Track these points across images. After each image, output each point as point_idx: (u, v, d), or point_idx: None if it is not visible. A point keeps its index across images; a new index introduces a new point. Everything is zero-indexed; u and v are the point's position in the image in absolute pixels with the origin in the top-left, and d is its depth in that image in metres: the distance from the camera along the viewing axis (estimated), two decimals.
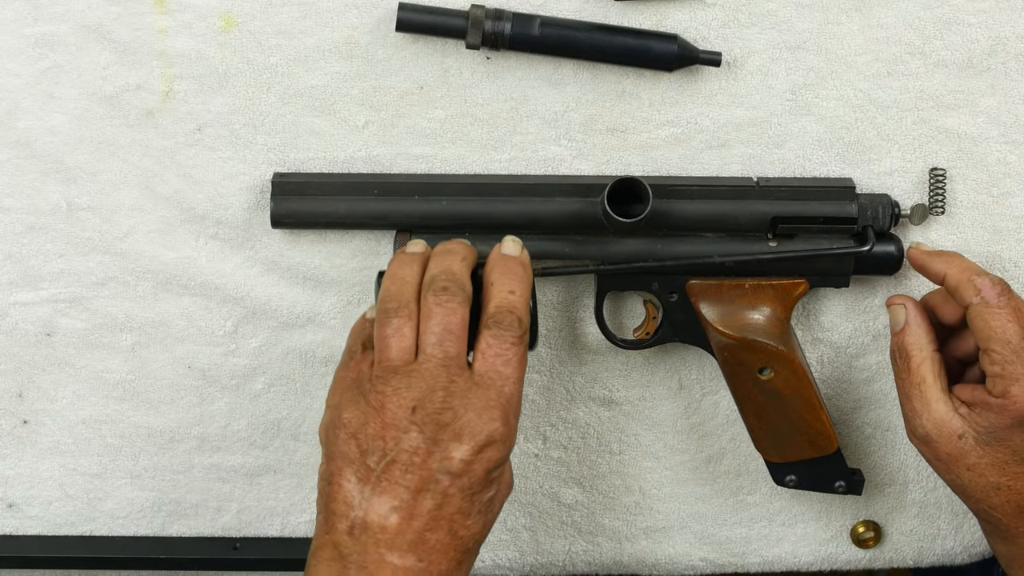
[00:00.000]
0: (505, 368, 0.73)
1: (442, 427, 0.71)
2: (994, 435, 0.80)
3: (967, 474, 0.82)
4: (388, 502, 0.71)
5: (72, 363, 0.90)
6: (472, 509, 0.72)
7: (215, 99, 0.85)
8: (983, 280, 0.80)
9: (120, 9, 0.83)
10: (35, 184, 0.86)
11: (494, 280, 0.77)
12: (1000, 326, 0.79)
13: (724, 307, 0.86)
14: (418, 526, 0.71)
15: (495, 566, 0.97)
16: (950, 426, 0.81)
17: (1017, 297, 0.80)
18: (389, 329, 0.74)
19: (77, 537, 0.94)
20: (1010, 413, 0.79)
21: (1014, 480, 0.81)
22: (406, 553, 0.71)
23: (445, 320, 0.73)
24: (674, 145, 0.87)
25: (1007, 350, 0.78)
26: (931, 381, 0.82)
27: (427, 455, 0.71)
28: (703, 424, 0.94)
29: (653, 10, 0.84)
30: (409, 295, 0.75)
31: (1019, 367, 0.78)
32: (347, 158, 0.86)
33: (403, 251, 0.79)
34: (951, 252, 0.85)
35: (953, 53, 0.85)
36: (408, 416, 0.71)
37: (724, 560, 0.97)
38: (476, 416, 0.72)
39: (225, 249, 0.88)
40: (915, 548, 0.97)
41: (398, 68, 0.85)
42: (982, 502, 0.82)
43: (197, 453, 0.93)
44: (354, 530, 0.71)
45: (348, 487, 0.72)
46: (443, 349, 0.73)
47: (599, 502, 0.95)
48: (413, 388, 0.72)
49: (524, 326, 0.75)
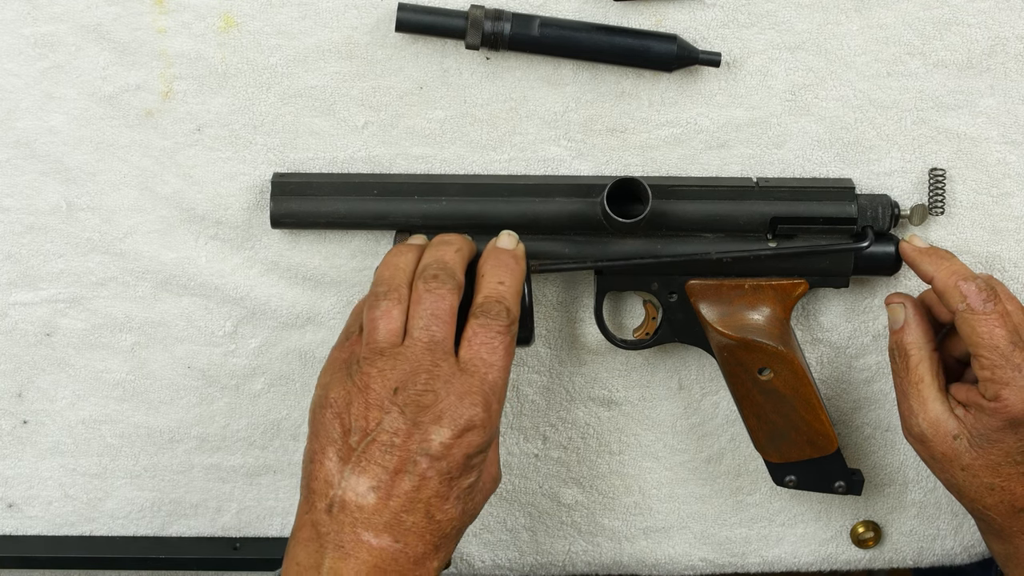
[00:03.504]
0: (490, 356, 0.75)
1: (423, 409, 0.72)
2: (987, 437, 0.80)
3: (961, 474, 0.82)
4: (367, 481, 0.72)
5: (72, 363, 0.90)
6: (450, 494, 0.73)
7: (215, 99, 0.85)
8: (969, 286, 0.80)
9: (119, 9, 0.83)
10: (35, 184, 0.86)
11: (485, 271, 0.78)
12: (988, 332, 0.78)
13: (724, 307, 0.86)
14: (395, 506, 0.72)
15: (495, 566, 0.97)
16: (945, 427, 0.81)
17: (1005, 300, 0.80)
18: (378, 311, 0.75)
19: (77, 537, 0.94)
20: (1002, 416, 0.79)
21: (1008, 481, 0.81)
22: (382, 533, 0.72)
23: (433, 306, 0.75)
24: (674, 145, 0.87)
25: (996, 355, 0.78)
26: (928, 381, 0.83)
27: (407, 436, 0.72)
28: (703, 424, 0.94)
29: (653, 10, 0.84)
30: (400, 280, 0.77)
31: (1008, 371, 0.78)
32: (347, 158, 0.86)
33: (403, 242, 0.81)
34: (941, 252, 0.84)
35: (953, 53, 0.85)
36: (390, 397, 0.73)
37: (724, 560, 0.97)
38: (457, 400, 0.73)
39: (225, 249, 0.88)
40: (915, 548, 0.97)
41: (398, 68, 0.85)
42: (976, 502, 0.83)
43: (197, 453, 0.93)
44: (332, 508, 0.72)
45: (329, 465, 0.73)
46: (429, 333, 0.74)
47: (599, 502, 0.95)
48: (397, 370, 0.73)
49: (512, 316, 0.76)
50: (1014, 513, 0.82)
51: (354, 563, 0.72)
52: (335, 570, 0.72)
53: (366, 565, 0.72)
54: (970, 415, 0.81)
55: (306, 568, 0.73)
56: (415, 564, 0.73)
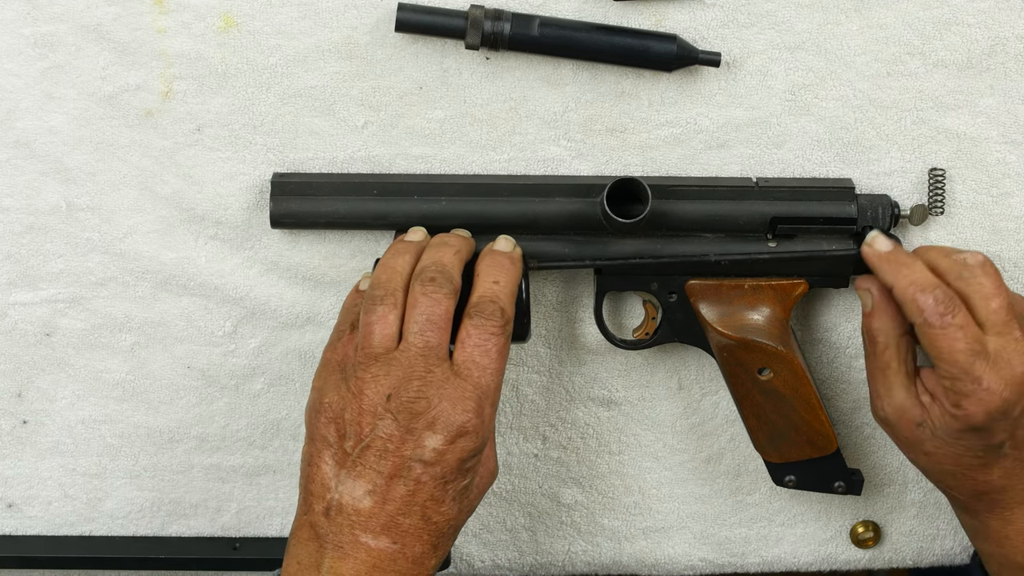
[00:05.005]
0: (483, 358, 0.75)
1: (415, 416, 0.73)
2: (949, 434, 0.81)
3: (924, 459, 0.83)
4: (363, 486, 0.73)
5: (71, 363, 0.90)
6: (445, 496, 0.74)
7: (214, 99, 0.85)
8: (926, 299, 0.78)
9: (119, 9, 0.83)
10: (34, 184, 0.86)
11: (481, 271, 0.79)
12: (946, 346, 0.78)
13: (723, 307, 0.86)
14: (391, 510, 0.73)
15: (495, 566, 0.97)
16: (909, 413, 0.82)
17: (963, 311, 0.78)
18: (374, 316, 0.75)
19: (77, 537, 0.94)
20: (961, 421, 0.79)
21: (969, 470, 0.82)
22: (380, 535, 0.73)
23: (429, 310, 0.75)
24: (673, 145, 0.87)
25: (955, 369, 0.78)
26: (895, 367, 0.83)
27: (401, 443, 0.73)
28: (702, 424, 0.94)
29: (652, 10, 0.84)
30: (397, 284, 0.77)
31: (968, 384, 0.78)
32: (346, 158, 0.86)
33: (401, 239, 0.81)
34: (902, 258, 0.82)
35: (953, 53, 0.85)
36: (383, 403, 0.73)
37: (724, 560, 0.97)
38: (450, 407, 0.73)
39: (224, 249, 0.88)
40: (914, 548, 0.97)
41: (397, 68, 0.85)
42: (940, 483, 0.85)
43: (197, 453, 0.93)
44: (330, 511, 0.73)
45: (326, 469, 0.74)
46: (424, 338, 0.74)
47: (598, 502, 0.95)
48: (391, 376, 0.74)
49: (507, 316, 0.76)
50: (977, 495, 0.83)
51: (353, 563, 0.72)
52: (334, 570, 0.73)
53: (365, 565, 0.72)
54: (936, 406, 0.81)
55: (306, 567, 0.74)
56: (413, 564, 0.73)
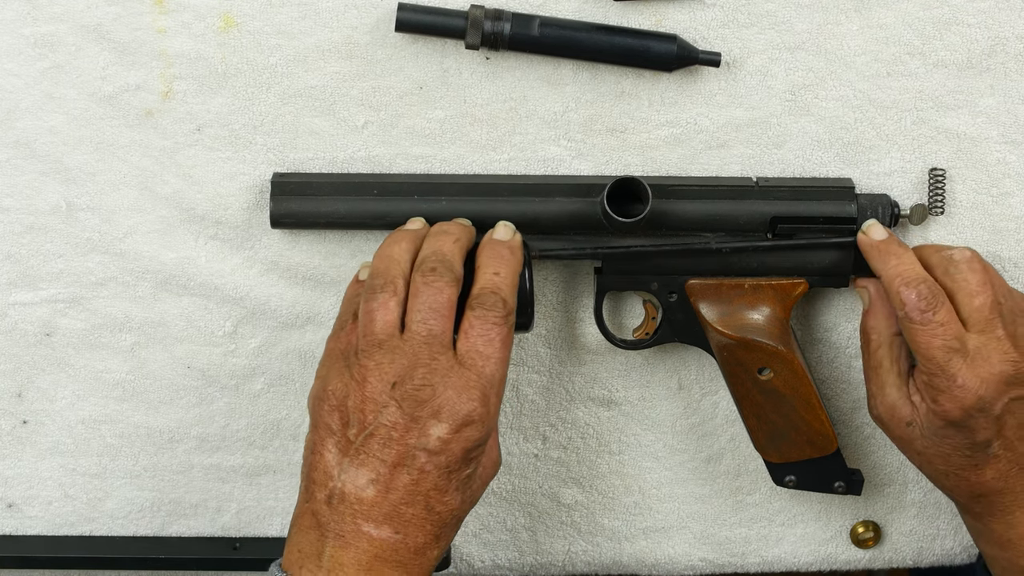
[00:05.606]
0: (486, 348, 0.75)
1: (420, 404, 0.72)
2: (934, 431, 0.81)
3: (917, 458, 0.84)
4: (366, 474, 0.72)
5: (71, 363, 0.90)
6: (449, 486, 0.73)
7: (214, 99, 0.85)
8: (909, 293, 0.80)
9: (119, 9, 0.83)
10: (34, 184, 0.86)
11: (481, 263, 0.78)
12: (924, 343, 0.79)
13: (723, 307, 0.86)
14: (394, 499, 0.72)
15: (495, 566, 0.97)
16: (900, 412, 0.83)
17: (945, 308, 0.80)
18: (375, 303, 0.75)
19: (77, 537, 0.94)
20: (940, 417, 0.80)
21: (960, 470, 0.82)
22: (382, 524, 0.72)
23: (431, 299, 0.75)
24: (674, 145, 0.87)
25: (932, 365, 0.79)
26: (887, 366, 0.84)
27: (405, 431, 0.72)
28: (702, 424, 0.94)
29: (653, 10, 0.84)
30: (396, 272, 0.77)
31: (944, 380, 0.79)
32: (347, 158, 0.86)
33: (400, 228, 0.81)
34: (893, 248, 0.83)
35: (953, 53, 0.85)
36: (388, 391, 0.73)
37: (724, 560, 0.97)
38: (455, 395, 0.73)
39: (224, 249, 0.88)
40: (914, 548, 0.97)
41: (397, 68, 0.85)
42: (938, 484, 0.85)
43: (197, 453, 0.93)
44: (332, 500, 0.73)
45: (328, 457, 0.74)
46: (427, 327, 0.74)
47: (599, 502, 0.95)
48: (395, 364, 0.73)
49: (508, 307, 0.76)
50: (974, 497, 0.83)
51: (354, 552, 0.72)
52: (335, 558, 0.72)
53: (367, 555, 0.72)
54: (923, 404, 0.82)
55: (307, 556, 0.73)
56: (415, 554, 0.73)
